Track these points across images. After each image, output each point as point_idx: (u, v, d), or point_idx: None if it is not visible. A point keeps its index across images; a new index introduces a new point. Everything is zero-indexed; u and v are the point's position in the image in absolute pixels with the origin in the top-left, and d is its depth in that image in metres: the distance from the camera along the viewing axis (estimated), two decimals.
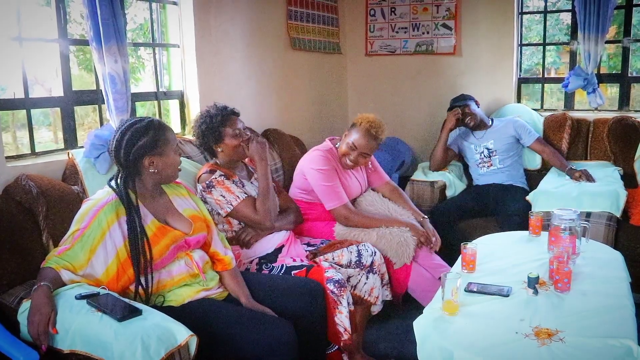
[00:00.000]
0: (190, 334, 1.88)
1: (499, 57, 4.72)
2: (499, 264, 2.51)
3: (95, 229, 2.09)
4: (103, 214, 2.11)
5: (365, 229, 3.06)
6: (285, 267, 2.71)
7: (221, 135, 2.78)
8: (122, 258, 2.12)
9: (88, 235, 2.08)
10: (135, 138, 2.19)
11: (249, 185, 2.85)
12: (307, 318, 2.39)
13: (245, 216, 2.74)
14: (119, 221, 2.13)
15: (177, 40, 3.62)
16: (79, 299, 1.98)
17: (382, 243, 3.00)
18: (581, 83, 4.28)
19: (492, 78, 4.73)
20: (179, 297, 2.24)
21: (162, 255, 2.19)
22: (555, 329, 1.88)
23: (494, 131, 4.10)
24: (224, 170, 2.79)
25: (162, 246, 2.19)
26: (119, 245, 2.11)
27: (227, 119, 2.79)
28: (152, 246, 2.16)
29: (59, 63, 2.88)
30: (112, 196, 2.16)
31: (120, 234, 2.12)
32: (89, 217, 2.10)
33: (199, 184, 2.77)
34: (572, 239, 2.45)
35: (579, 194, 3.42)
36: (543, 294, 2.17)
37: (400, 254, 2.97)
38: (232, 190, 2.72)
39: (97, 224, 2.09)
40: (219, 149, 2.82)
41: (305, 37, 4.65)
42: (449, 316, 2.02)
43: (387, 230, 3.04)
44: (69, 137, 2.97)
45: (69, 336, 1.85)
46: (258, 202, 2.76)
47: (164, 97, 3.59)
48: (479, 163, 4.10)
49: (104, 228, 2.10)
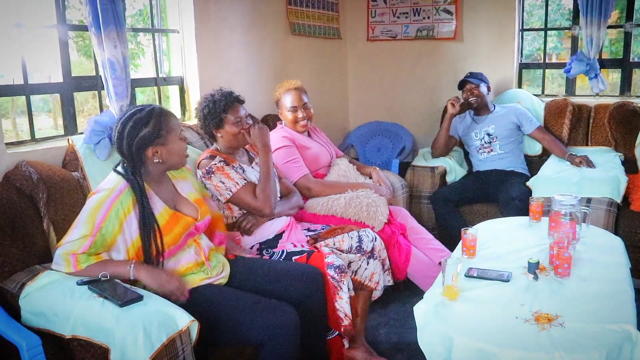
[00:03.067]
0: (192, 320, 1.89)
1: (500, 42, 4.70)
2: (499, 250, 2.51)
3: (113, 219, 2.06)
4: (119, 203, 2.08)
5: (334, 196, 3.14)
6: (285, 252, 2.71)
7: (222, 121, 2.78)
8: (137, 247, 2.12)
9: (106, 227, 2.05)
10: (137, 129, 2.15)
11: (250, 171, 2.85)
12: (308, 304, 2.39)
13: (244, 202, 2.74)
14: (135, 209, 2.11)
15: (176, 26, 3.59)
16: (80, 284, 1.99)
17: (352, 207, 3.07)
18: (583, 68, 4.25)
19: (492, 63, 4.70)
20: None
21: (175, 243, 2.18)
22: (555, 314, 1.88)
23: (495, 117, 4.08)
24: (224, 156, 2.79)
25: (175, 234, 2.18)
26: (134, 234, 2.11)
27: (230, 105, 2.79)
28: (164, 234, 2.15)
29: (58, 49, 2.86)
30: (125, 184, 2.12)
31: (136, 223, 2.11)
32: (105, 209, 2.05)
33: (199, 170, 2.77)
34: (573, 224, 2.45)
35: (580, 180, 3.42)
36: (543, 279, 2.18)
37: (372, 215, 3.04)
38: (232, 176, 2.72)
39: (114, 214, 2.06)
40: (218, 134, 2.82)
41: (305, 23, 4.63)
42: (449, 301, 2.03)
43: (354, 194, 3.14)
44: (69, 124, 2.96)
45: (70, 322, 1.86)
46: (258, 188, 2.75)
47: (163, 83, 3.58)
48: (479, 149, 4.09)
49: (122, 218, 2.08)
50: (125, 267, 2.08)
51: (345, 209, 3.08)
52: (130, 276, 2.07)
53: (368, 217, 3.04)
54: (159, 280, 2.08)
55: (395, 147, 4.90)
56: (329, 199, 3.13)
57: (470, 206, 3.85)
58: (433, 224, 3.87)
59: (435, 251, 3.20)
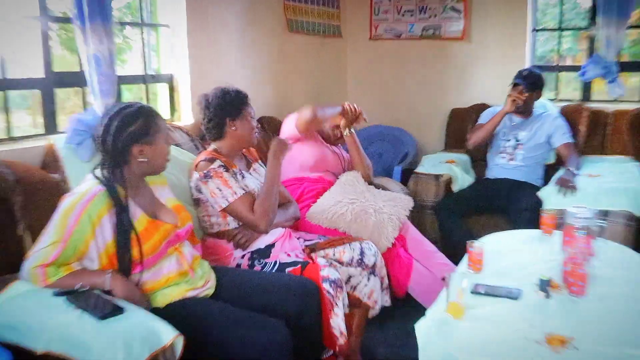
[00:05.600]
0: (177, 334, 1.87)
1: (511, 43, 4.70)
2: (508, 265, 2.50)
3: (85, 224, 2.04)
4: (92, 206, 2.06)
5: (340, 209, 3.08)
6: (278, 263, 2.68)
7: (241, 112, 2.80)
8: (110, 253, 2.10)
9: (78, 232, 2.03)
10: (126, 124, 2.15)
11: (248, 177, 2.82)
12: (301, 320, 2.37)
13: (239, 214, 2.70)
14: (109, 214, 2.09)
15: (166, 20, 3.59)
16: (57, 295, 1.97)
17: (357, 223, 3.04)
18: (600, 71, 4.24)
19: (503, 65, 4.70)
20: (166, 297, 2.21)
21: (154, 251, 2.17)
22: (569, 336, 1.86)
23: (530, 123, 4.02)
24: (224, 160, 2.76)
25: (155, 242, 2.17)
26: (108, 239, 2.09)
27: (246, 101, 2.85)
28: (143, 243, 2.13)
29: (40, 42, 2.84)
30: (99, 188, 2.11)
31: (110, 227, 2.09)
32: (77, 213, 2.03)
33: (196, 172, 2.72)
34: (588, 239, 2.43)
35: (596, 191, 3.40)
36: (556, 297, 2.16)
37: (376, 237, 3.01)
38: (230, 184, 2.69)
39: (87, 218, 2.04)
40: (232, 127, 2.80)
41: (303, 19, 4.62)
42: (453, 319, 2.01)
43: (363, 208, 3.09)
44: (49, 122, 2.94)
45: (44, 336, 1.83)
46: (257, 201, 2.72)
47: (152, 80, 3.57)
48: (501, 151, 4.06)
49: (94, 222, 2.05)
50: (100, 277, 2.06)
51: (349, 225, 3.05)
52: (106, 287, 2.05)
53: (372, 237, 3.01)
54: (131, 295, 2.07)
55: (397, 153, 4.89)
56: (335, 213, 3.08)
57: (477, 217, 3.83)
58: (437, 236, 3.85)
59: (438, 265, 3.19)
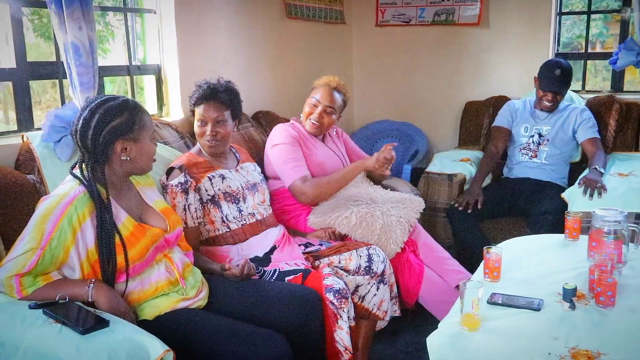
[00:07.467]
0: (166, 349, 1.86)
1: (533, 29, 4.70)
2: (528, 273, 2.50)
3: (65, 229, 2.04)
4: (73, 209, 2.06)
5: (344, 212, 3.07)
6: (278, 271, 2.69)
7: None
8: (93, 260, 2.10)
9: (57, 239, 2.03)
10: (108, 118, 2.16)
11: (232, 176, 2.84)
12: (303, 333, 2.39)
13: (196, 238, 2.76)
14: (92, 217, 2.09)
15: (152, 5, 3.59)
16: (33, 308, 1.97)
17: (363, 227, 3.03)
18: (633, 59, 4.20)
19: (523, 53, 4.71)
20: (155, 309, 2.22)
21: (141, 258, 2.17)
22: (597, 351, 1.85)
23: (556, 117, 4.03)
24: (202, 166, 2.78)
25: (141, 248, 2.17)
26: (90, 245, 2.09)
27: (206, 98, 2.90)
28: (129, 249, 2.13)
29: (10, 29, 2.82)
30: (80, 189, 2.11)
31: (92, 232, 2.09)
32: (55, 217, 2.03)
33: (164, 176, 2.75)
34: (618, 244, 2.43)
35: (627, 192, 3.39)
36: (581, 309, 2.16)
37: (384, 241, 3.00)
38: (178, 210, 2.66)
39: (67, 223, 2.04)
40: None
41: (303, 4, 4.63)
42: (468, 332, 2.01)
43: (370, 210, 3.08)
44: (24, 118, 2.93)
45: (19, 353, 1.83)
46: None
47: (137, 71, 3.57)
48: (523, 147, 4.07)
49: (75, 227, 2.05)
50: (82, 288, 2.06)
51: (353, 229, 3.04)
52: (88, 298, 2.05)
53: (379, 242, 3.01)
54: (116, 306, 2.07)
55: (406, 151, 4.89)
56: (338, 216, 3.08)
57: (494, 221, 3.84)
58: (450, 241, 3.86)
59: (452, 273, 3.19)
